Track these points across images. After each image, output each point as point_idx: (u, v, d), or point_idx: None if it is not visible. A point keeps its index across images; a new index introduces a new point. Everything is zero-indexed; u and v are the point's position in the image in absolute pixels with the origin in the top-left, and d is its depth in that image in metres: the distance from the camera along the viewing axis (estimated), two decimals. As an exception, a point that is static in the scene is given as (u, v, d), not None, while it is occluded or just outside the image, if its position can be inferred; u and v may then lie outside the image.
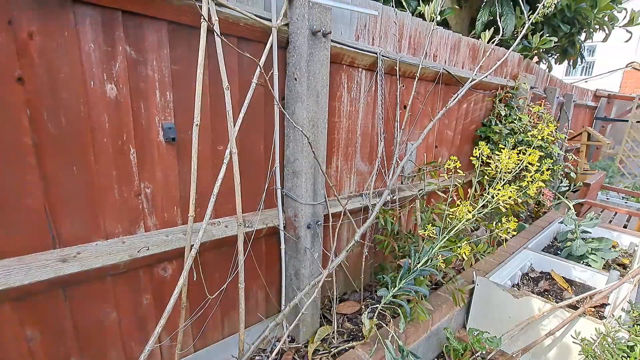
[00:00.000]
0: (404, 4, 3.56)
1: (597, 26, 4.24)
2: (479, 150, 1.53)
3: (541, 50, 3.81)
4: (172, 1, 1.16)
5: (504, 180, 1.50)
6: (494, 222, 1.57)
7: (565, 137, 2.97)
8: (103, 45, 1.09)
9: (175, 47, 1.25)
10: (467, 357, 1.98)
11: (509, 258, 2.79)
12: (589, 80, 9.83)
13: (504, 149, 1.62)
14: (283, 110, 1.42)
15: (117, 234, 1.27)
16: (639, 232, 3.68)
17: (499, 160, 1.54)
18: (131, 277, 1.34)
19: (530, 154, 1.48)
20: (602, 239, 3.01)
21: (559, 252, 3.22)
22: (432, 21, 3.34)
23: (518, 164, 1.49)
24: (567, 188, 3.13)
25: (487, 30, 2.88)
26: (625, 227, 4.58)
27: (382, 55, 1.93)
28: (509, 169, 1.49)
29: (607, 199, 5.73)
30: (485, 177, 1.67)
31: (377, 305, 1.65)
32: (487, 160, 1.56)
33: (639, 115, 6.29)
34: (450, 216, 1.51)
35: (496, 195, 1.42)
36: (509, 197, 1.41)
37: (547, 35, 3.58)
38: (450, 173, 1.74)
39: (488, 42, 3.06)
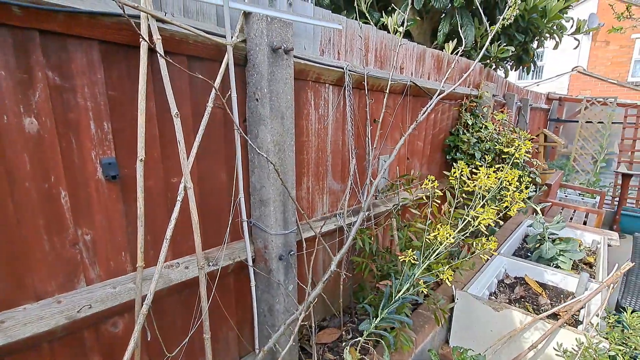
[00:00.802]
0: (367, 16, 3.55)
1: (547, 35, 4.47)
2: (458, 169, 1.47)
3: (498, 58, 3.94)
4: (101, 19, 0.99)
5: (484, 199, 1.45)
6: (472, 242, 1.51)
7: (530, 144, 3.05)
8: (17, 72, 0.90)
9: (111, 70, 1.08)
10: (452, 378, 1.91)
11: (484, 266, 2.79)
12: (541, 83, 10.49)
13: (477, 162, 1.58)
14: (245, 136, 1.28)
15: (51, 293, 1.06)
16: (599, 230, 3.86)
17: (477, 178, 1.49)
18: (73, 341, 1.12)
19: (508, 173, 1.45)
20: (569, 240, 3.10)
21: (529, 254, 3.29)
22: (396, 33, 3.34)
23: (496, 183, 1.45)
24: (535, 192, 3.22)
25: (450, 41, 2.91)
26: (584, 223, 4.83)
27: (349, 70, 1.85)
28: (488, 188, 1.44)
29: (566, 196, 6.05)
30: (462, 192, 1.61)
31: (359, 337, 1.53)
32: (462, 179, 1.50)
33: (587, 116, 6.74)
34: (430, 238, 1.44)
35: (476, 218, 1.36)
36: (490, 219, 1.35)
37: (504, 44, 3.71)
38: (427, 188, 1.68)
39: (452, 53, 3.09)
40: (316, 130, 1.86)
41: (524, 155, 2.79)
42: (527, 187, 1.49)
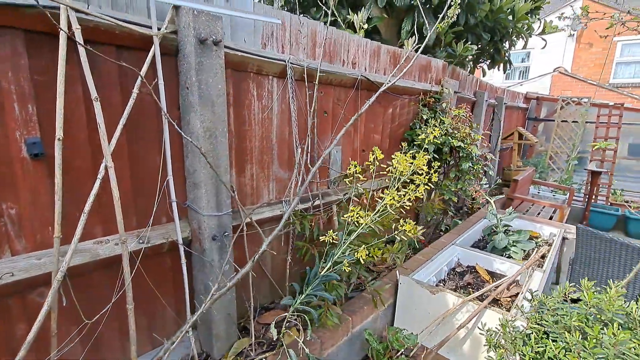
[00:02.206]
0: (335, 13, 3.64)
1: (515, 35, 4.60)
2: (373, 155, 1.57)
3: (467, 57, 4.05)
4: (24, 10, 1.08)
5: (399, 183, 1.56)
6: (394, 227, 1.62)
7: (482, 138, 3.17)
8: None
9: (36, 57, 1.17)
10: (388, 356, 2.03)
11: (436, 255, 2.91)
12: (525, 83, 10.66)
13: (430, 155, 1.69)
14: (171, 121, 1.37)
15: (-24, 261, 1.16)
16: (558, 223, 4.01)
17: (397, 163, 1.60)
18: (-1, 307, 1.22)
19: (419, 159, 1.55)
20: (520, 232, 3.24)
21: (487, 245, 3.42)
22: (361, 29, 3.43)
23: (407, 168, 1.56)
24: (487, 185, 3.35)
25: (412, 37, 3.01)
26: (551, 218, 4.99)
27: (291, 63, 1.94)
28: (402, 173, 1.55)
29: (538, 192, 6.21)
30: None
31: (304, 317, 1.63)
32: (381, 165, 1.61)
33: (563, 115, 6.90)
34: (343, 219, 1.54)
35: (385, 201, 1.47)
36: (397, 201, 1.46)
37: (470, 43, 3.82)
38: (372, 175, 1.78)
39: (413, 50, 3.20)
40: (260, 119, 1.95)
41: (475, 150, 2.92)
42: (436, 171, 1.59)
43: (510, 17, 4.51)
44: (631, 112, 6.71)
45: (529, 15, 4.59)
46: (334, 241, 1.52)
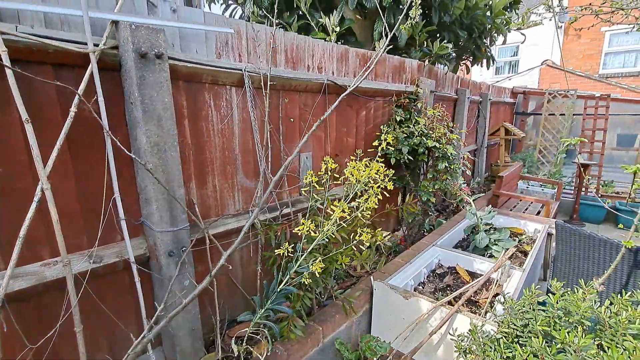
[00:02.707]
0: (308, 16, 3.62)
1: (495, 32, 4.58)
2: (325, 164, 1.55)
3: (444, 55, 4.03)
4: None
5: (353, 193, 1.53)
6: (351, 236, 1.60)
7: (458, 138, 3.14)
8: None
9: (-38, 79, 1.15)
10: (360, 365, 2.00)
11: (416, 257, 2.88)
12: (513, 77, 10.66)
13: (404, 157, 1.66)
14: (113, 137, 1.35)
15: None
16: (543, 219, 3.99)
17: (350, 174, 1.57)
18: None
19: (371, 168, 1.53)
20: (501, 230, 3.21)
21: (470, 245, 3.39)
22: (333, 32, 3.40)
23: (359, 176, 1.53)
24: (465, 183, 3.33)
25: (383, 39, 2.99)
26: (538, 213, 4.95)
27: (249, 72, 1.92)
28: (359, 182, 1.52)
29: (527, 187, 6.18)
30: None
31: (273, 329, 1.60)
32: (336, 175, 1.58)
33: (550, 109, 6.88)
34: (296, 231, 1.51)
35: (334, 212, 1.44)
36: (349, 213, 1.43)
37: (447, 41, 3.80)
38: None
39: (384, 51, 3.17)
40: (219, 130, 1.93)
41: (451, 150, 2.89)
42: (390, 180, 1.56)
43: (488, 14, 4.50)
44: (619, 103, 6.69)
45: (507, 10, 4.57)
46: (289, 254, 1.49)
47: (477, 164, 6.27)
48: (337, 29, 3.30)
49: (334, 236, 1.59)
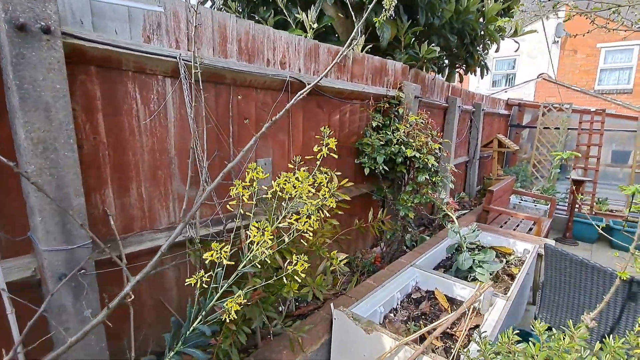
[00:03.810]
0: (285, 11, 3.35)
1: (488, 39, 4.35)
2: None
3: (432, 59, 3.78)
4: None
5: (286, 211, 1.23)
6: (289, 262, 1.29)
7: (441, 147, 2.86)
8: None
9: None
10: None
11: (389, 279, 2.56)
12: (509, 90, 10.50)
13: (380, 166, 1.37)
14: (-26, 130, 1.04)
15: None
16: (533, 237, 3.69)
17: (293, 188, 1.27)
18: None
19: (301, 180, 1.22)
20: (486, 250, 2.91)
21: (453, 266, 3.08)
22: (310, 29, 3.13)
23: (293, 191, 1.23)
24: (445, 197, 3.05)
25: (366, 38, 2.70)
26: (530, 230, 4.66)
27: (184, 60, 1.62)
28: (291, 198, 1.22)
29: (520, 202, 5.90)
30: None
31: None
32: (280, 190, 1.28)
33: (545, 122, 6.66)
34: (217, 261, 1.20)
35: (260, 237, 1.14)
36: (269, 238, 1.13)
37: (434, 45, 3.55)
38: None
39: (362, 51, 2.89)
40: (149, 128, 1.63)
41: (432, 160, 2.61)
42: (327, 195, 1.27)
43: (481, 20, 4.27)
44: (614, 119, 6.48)
45: (501, 16, 4.35)
46: (204, 285, 1.18)
47: (468, 177, 6.00)
48: (315, 25, 3.03)
49: (268, 262, 1.28)
